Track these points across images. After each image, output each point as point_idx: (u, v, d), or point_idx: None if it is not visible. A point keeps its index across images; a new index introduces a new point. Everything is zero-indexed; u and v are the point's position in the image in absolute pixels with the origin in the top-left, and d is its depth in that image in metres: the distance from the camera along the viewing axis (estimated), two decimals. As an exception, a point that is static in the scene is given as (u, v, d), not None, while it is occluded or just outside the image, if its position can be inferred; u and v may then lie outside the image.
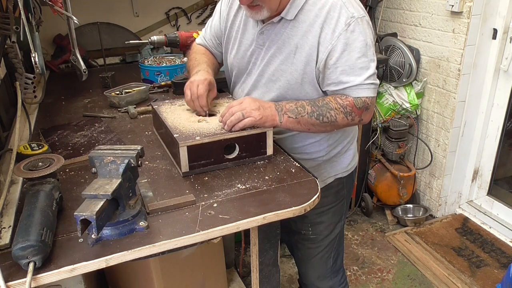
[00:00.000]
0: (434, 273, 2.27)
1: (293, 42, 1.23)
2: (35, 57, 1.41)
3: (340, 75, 1.20)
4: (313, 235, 1.53)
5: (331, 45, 1.18)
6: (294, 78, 1.26)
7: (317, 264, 1.59)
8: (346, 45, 1.17)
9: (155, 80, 2.06)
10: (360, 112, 1.23)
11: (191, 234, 0.93)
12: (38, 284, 0.82)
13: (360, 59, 1.19)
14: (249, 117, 1.17)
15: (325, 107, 1.21)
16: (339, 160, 1.45)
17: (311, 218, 1.50)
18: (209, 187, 1.12)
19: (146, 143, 1.40)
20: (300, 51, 1.23)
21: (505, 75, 2.39)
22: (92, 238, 0.89)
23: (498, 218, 2.59)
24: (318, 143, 1.38)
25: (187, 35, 1.86)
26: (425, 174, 2.78)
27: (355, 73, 1.19)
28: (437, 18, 2.44)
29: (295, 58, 1.24)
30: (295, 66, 1.24)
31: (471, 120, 2.53)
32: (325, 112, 1.21)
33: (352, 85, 1.20)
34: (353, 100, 1.21)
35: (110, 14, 2.66)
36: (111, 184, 0.89)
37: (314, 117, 1.21)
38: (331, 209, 1.50)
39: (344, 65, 1.19)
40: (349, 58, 1.18)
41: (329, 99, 1.23)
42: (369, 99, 1.23)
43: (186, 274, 1.58)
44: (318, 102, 1.23)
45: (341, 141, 1.43)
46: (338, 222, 1.54)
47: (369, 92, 1.22)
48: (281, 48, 1.26)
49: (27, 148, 1.21)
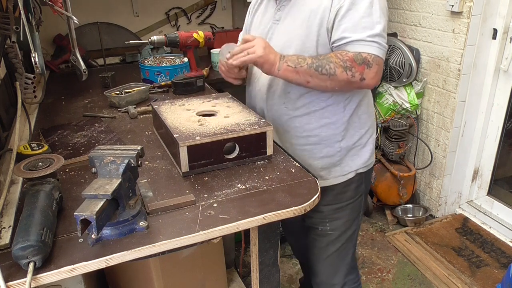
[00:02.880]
0: (434, 273, 2.27)
1: (308, 8, 1.28)
2: (35, 57, 1.41)
3: (343, 32, 1.22)
4: (330, 230, 1.51)
5: (339, 5, 1.22)
6: (309, 40, 1.28)
7: (334, 261, 1.57)
8: (352, 4, 1.21)
9: (155, 80, 2.06)
10: (361, 68, 1.21)
11: (191, 234, 0.93)
12: (38, 284, 0.82)
13: (364, 19, 1.20)
14: (254, 52, 1.23)
15: (325, 60, 1.23)
16: (359, 153, 1.44)
17: (329, 214, 1.49)
18: (209, 187, 1.12)
19: (146, 143, 1.40)
20: (314, 14, 1.26)
21: (505, 75, 2.39)
22: (92, 238, 0.89)
23: (498, 218, 2.59)
24: (334, 125, 1.37)
25: (187, 35, 1.87)
26: (425, 174, 2.78)
27: (358, 30, 1.21)
28: (437, 18, 2.44)
29: (309, 21, 1.27)
30: (309, 29, 1.27)
31: (471, 120, 2.53)
32: (325, 64, 1.22)
33: (352, 40, 1.21)
34: (353, 55, 1.21)
35: (110, 14, 2.66)
36: (111, 184, 0.89)
37: (313, 68, 1.23)
38: (349, 204, 1.48)
39: (347, 23, 1.21)
40: (353, 16, 1.21)
41: (330, 54, 1.25)
42: (370, 56, 1.21)
43: (186, 274, 1.58)
44: (320, 56, 1.25)
45: (358, 128, 1.41)
46: (355, 218, 1.53)
47: (371, 49, 1.21)
48: (296, 16, 1.31)
49: (27, 148, 1.21)
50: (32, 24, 1.54)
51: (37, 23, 1.69)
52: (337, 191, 1.45)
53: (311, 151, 1.40)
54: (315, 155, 1.40)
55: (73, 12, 1.57)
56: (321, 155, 1.40)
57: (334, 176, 1.43)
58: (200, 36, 1.89)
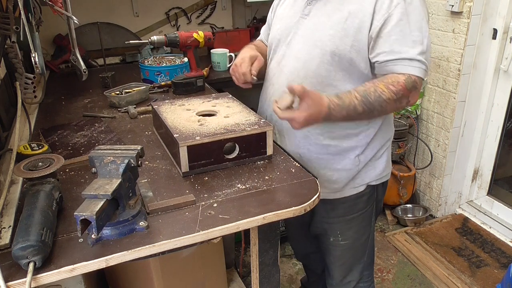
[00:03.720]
0: (434, 273, 2.27)
1: (346, 8, 1.21)
2: (35, 57, 1.41)
3: (393, 44, 1.16)
4: (343, 241, 1.48)
5: (387, 14, 1.16)
6: (343, 43, 1.21)
7: (350, 264, 1.54)
8: (403, 14, 1.15)
9: (155, 80, 2.06)
10: (409, 93, 1.17)
11: (191, 234, 0.93)
12: (38, 284, 0.82)
13: (415, 32, 1.16)
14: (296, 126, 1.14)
15: (377, 102, 1.16)
16: (374, 165, 1.38)
17: (340, 226, 1.45)
18: (209, 187, 1.12)
19: (146, 143, 1.40)
20: (353, 17, 1.19)
21: (505, 75, 2.39)
22: (92, 238, 0.89)
23: (498, 218, 2.59)
24: (357, 137, 1.32)
25: (187, 35, 1.87)
26: (425, 174, 2.78)
27: (408, 44, 1.16)
28: (437, 18, 2.44)
29: (346, 24, 1.20)
30: (345, 32, 1.20)
31: (471, 120, 2.53)
32: (377, 106, 1.16)
33: (405, 57, 1.16)
34: (405, 83, 1.16)
35: (110, 14, 2.66)
36: (111, 184, 0.89)
37: (365, 115, 1.18)
38: (361, 215, 1.44)
39: (398, 34, 1.16)
40: (404, 28, 1.16)
41: (382, 88, 1.16)
42: (418, 80, 1.17)
43: (186, 274, 1.58)
44: (370, 96, 1.15)
45: (379, 142, 1.36)
46: (367, 225, 1.49)
47: (420, 71, 1.17)
48: (329, 15, 1.23)
49: (27, 148, 1.21)
50: (32, 24, 1.54)
51: (37, 23, 1.69)
52: (348, 204, 1.41)
53: (328, 161, 1.34)
54: (331, 165, 1.34)
55: (73, 12, 1.57)
56: (338, 166, 1.34)
57: (347, 188, 1.38)
58: (200, 36, 1.89)
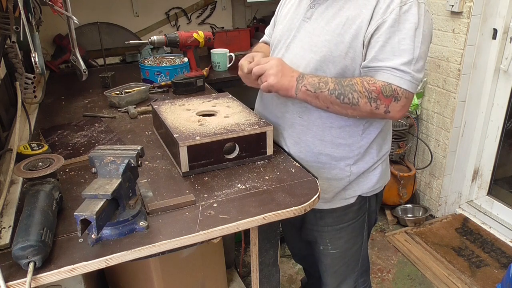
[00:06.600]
0: (434, 273, 2.27)
1: (345, 14, 1.18)
2: (35, 57, 1.41)
3: (378, 50, 1.13)
4: (333, 250, 1.45)
5: (381, 20, 1.12)
6: (338, 50, 1.18)
7: (343, 273, 1.52)
8: (395, 22, 1.11)
9: (155, 80, 2.06)
10: (387, 101, 1.12)
11: (191, 234, 0.93)
12: (38, 284, 0.82)
13: (405, 41, 1.11)
14: (266, 81, 1.18)
15: (349, 87, 1.13)
16: (366, 177, 1.34)
17: (329, 234, 1.43)
18: (209, 187, 1.12)
19: (146, 143, 1.40)
20: (350, 23, 1.16)
21: (505, 75, 2.39)
22: (92, 238, 0.89)
23: (498, 218, 2.59)
24: (349, 148, 1.28)
25: (187, 35, 1.87)
26: (425, 174, 2.78)
27: (394, 53, 1.12)
28: (437, 18, 2.44)
29: (343, 29, 1.17)
30: (341, 38, 1.17)
31: (471, 120, 2.53)
32: (348, 93, 1.13)
33: (385, 66, 1.12)
34: (381, 86, 1.12)
35: (110, 14, 2.66)
36: (111, 184, 0.89)
37: (335, 95, 1.14)
38: (350, 225, 1.41)
39: (385, 42, 1.12)
40: (393, 36, 1.11)
41: (356, 80, 1.14)
42: (400, 90, 1.12)
43: (186, 274, 1.58)
44: (344, 82, 1.15)
45: (374, 155, 1.31)
46: (358, 234, 1.45)
47: (402, 82, 1.12)
48: (329, 19, 1.21)
49: (27, 148, 1.21)
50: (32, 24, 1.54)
51: (37, 23, 1.69)
52: (337, 213, 1.38)
53: (318, 170, 1.29)
54: (322, 175, 1.29)
55: (73, 12, 1.57)
56: (328, 176, 1.30)
57: (336, 199, 1.35)
58: (200, 36, 1.89)
